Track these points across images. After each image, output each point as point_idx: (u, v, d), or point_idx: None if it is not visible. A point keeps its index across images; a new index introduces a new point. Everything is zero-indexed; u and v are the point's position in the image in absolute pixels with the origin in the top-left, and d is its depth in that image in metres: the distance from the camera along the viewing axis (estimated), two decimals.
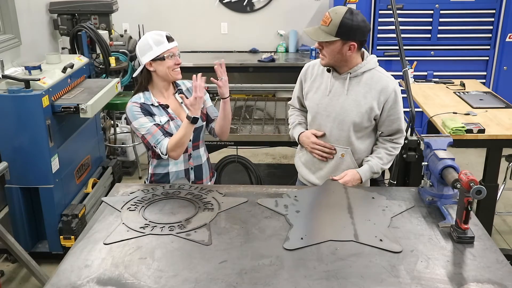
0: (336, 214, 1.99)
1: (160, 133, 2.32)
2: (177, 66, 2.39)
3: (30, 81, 3.12)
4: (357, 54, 2.27)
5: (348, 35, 2.17)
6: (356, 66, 2.29)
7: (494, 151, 3.19)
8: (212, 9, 6.00)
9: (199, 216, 1.97)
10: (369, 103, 2.28)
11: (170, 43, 2.34)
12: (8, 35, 4.31)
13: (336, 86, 2.33)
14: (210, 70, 2.48)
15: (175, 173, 2.46)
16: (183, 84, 2.54)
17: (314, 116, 2.41)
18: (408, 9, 5.22)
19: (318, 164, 2.45)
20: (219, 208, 2.03)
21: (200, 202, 2.08)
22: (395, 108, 2.32)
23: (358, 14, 2.19)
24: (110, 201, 2.11)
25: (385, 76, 2.34)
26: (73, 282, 1.58)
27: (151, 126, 2.32)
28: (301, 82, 2.51)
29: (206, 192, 2.18)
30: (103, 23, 5.00)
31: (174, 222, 1.92)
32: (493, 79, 5.45)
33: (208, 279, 1.58)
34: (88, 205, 3.59)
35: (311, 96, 2.41)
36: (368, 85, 2.30)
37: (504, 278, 1.58)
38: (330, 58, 2.25)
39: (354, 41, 2.20)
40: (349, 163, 2.38)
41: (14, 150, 3.18)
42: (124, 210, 2.02)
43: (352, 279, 1.57)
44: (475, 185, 1.70)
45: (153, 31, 2.39)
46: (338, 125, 2.33)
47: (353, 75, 2.30)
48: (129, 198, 2.12)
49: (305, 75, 2.48)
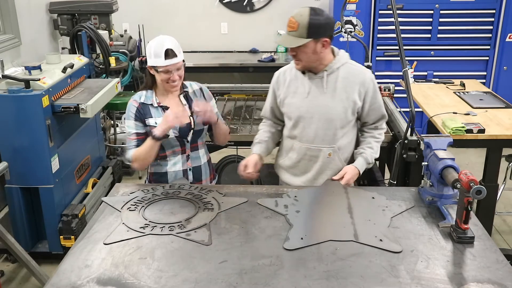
0: (336, 214, 1.99)
1: (134, 143, 2.38)
2: (172, 82, 2.35)
3: (30, 81, 3.12)
4: (329, 50, 2.29)
5: (319, 33, 2.19)
6: (331, 63, 2.30)
7: (494, 151, 3.19)
8: (212, 9, 6.00)
9: (199, 216, 1.97)
10: (351, 97, 2.31)
11: (166, 60, 2.28)
12: (8, 35, 4.31)
13: (314, 87, 2.33)
14: (210, 70, 2.49)
15: (173, 173, 2.46)
16: (190, 86, 2.52)
17: (296, 120, 2.37)
18: (408, 9, 5.22)
19: (304, 168, 2.43)
20: (219, 208, 2.03)
21: (200, 202, 2.08)
22: (375, 97, 2.38)
23: (321, 11, 2.22)
24: (110, 201, 2.11)
25: (360, 68, 2.38)
26: (73, 282, 1.58)
27: (132, 133, 2.40)
28: (274, 91, 2.47)
29: (206, 192, 2.18)
30: (103, 23, 5.00)
31: (174, 222, 1.92)
32: (493, 79, 5.45)
33: (208, 279, 1.58)
34: (88, 205, 3.59)
35: (289, 102, 2.38)
36: (345, 79, 2.32)
37: (504, 278, 1.58)
38: (306, 61, 2.26)
39: (326, 36, 2.21)
40: (336, 161, 2.38)
41: (14, 150, 3.18)
42: (124, 210, 2.02)
43: (352, 279, 1.57)
44: (475, 185, 1.70)
45: (164, 37, 2.34)
46: (323, 124, 2.33)
47: (330, 72, 2.30)
48: (129, 198, 2.12)
49: (277, 83, 2.46)
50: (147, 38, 5.56)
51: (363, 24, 5.34)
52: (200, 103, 2.38)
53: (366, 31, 5.35)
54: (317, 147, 2.37)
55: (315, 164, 2.40)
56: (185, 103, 2.46)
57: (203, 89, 2.57)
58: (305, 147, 2.39)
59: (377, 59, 5.44)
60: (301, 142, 2.39)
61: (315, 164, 2.40)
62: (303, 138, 2.38)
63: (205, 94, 2.56)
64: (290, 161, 2.46)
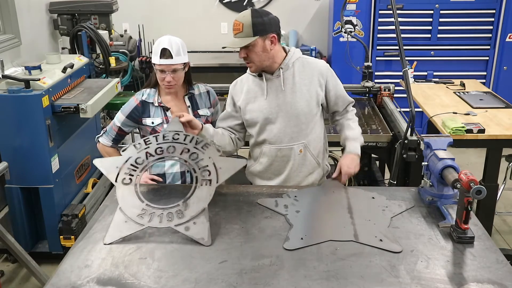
0: (336, 214, 1.99)
1: (113, 135, 2.50)
2: (166, 83, 2.34)
3: (30, 81, 3.12)
4: (279, 47, 2.29)
5: (264, 30, 2.20)
6: (285, 59, 2.30)
7: (494, 151, 3.19)
8: (212, 9, 6.00)
9: (197, 196, 1.88)
10: (313, 89, 2.31)
11: (161, 59, 2.29)
12: (8, 35, 4.31)
13: (272, 87, 2.32)
14: (210, 70, 2.49)
15: (171, 174, 2.46)
16: (197, 88, 2.52)
17: (262, 123, 2.34)
18: (408, 9, 5.21)
19: (278, 170, 2.40)
20: (217, 178, 1.94)
21: (196, 166, 1.97)
22: (337, 84, 2.39)
23: (263, 11, 2.25)
24: (103, 165, 2.02)
25: (313, 60, 2.40)
26: (73, 282, 1.58)
27: (116, 125, 2.47)
28: (232, 98, 2.43)
29: (202, 148, 2.01)
30: (103, 23, 5.00)
31: (171, 205, 1.85)
32: (493, 79, 5.45)
33: (208, 279, 1.58)
34: (88, 205, 3.59)
35: (251, 107, 2.35)
36: (302, 72, 2.32)
37: (504, 278, 1.58)
38: (258, 61, 2.25)
39: (272, 32, 2.22)
40: (309, 157, 2.37)
41: (14, 150, 3.18)
42: (119, 184, 1.94)
43: (352, 279, 1.57)
44: (475, 185, 1.70)
45: (169, 37, 2.34)
46: (288, 122, 2.31)
47: (285, 69, 2.30)
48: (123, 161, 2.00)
49: (235, 90, 2.42)
50: (147, 38, 5.58)
51: (363, 24, 5.34)
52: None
53: (366, 31, 5.35)
54: (287, 146, 2.34)
55: (288, 163, 2.37)
56: (189, 105, 2.45)
57: (210, 92, 2.56)
58: (275, 148, 2.36)
59: (377, 59, 5.44)
60: (271, 144, 2.36)
61: (287, 164, 2.38)
62: (271, 140, 2.35)
63: (211, 98, 2.55)
64: (262, 166, 2.42)
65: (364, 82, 3.76)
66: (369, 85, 3.71)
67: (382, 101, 3.62)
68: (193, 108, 2.46)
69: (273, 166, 2.40)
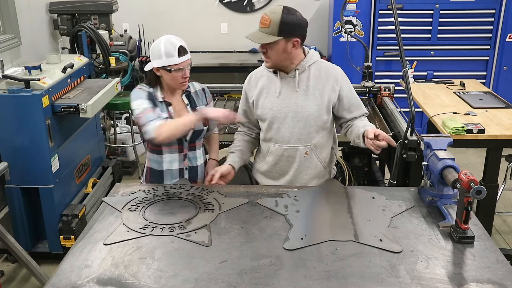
0: (336, 214, 1.99)
1: (155, 114, 2.28)
2: (183, 80, 2.35)
3: (30, 81, 3.12)
4: (300, 50, 2.29)
5: (290, 32, 2.18)
6: (302, 62, 2.30)
7: (494, 151, 3.19)
8: (212, 9, 6.00)
9: (199, 217, 1.96)
10: (325, 94, 2.30)
11: (180, 57, 2.28)
12: (8, 35, 4.31)
13: (285, 86, 2.32)
14: (210, 70, 2.49)
15: (169, 171, 2.46)
16: (192, 86, 2.52)
17: (270, 121, 2.35)
18: (408, 9, 5.22)
19: (283, 170, 2.41)
20: (220, 209, 2.03)
21: (201, 203, 2.08)
22: (351, 91, 2.38)
23: (295, 11, 2.21)
24: (111, 201, 2.11)
25: (330, 65, 2.39)
26: (73, 282, 1.58)
27: (149, 107, 2.30)
28: (246, 93, 2.45)
29: (207, 193, 2.17)
30: (103, 23, 5.00)
31: (174, 222, 1.92)
32: (493, 79, 5.45)
33: (208, 279, 1.58)
34: (88, 205, 3.59)
35: (262, 102, 2.36)
36: (317, 77, 2.31)
37: (504, 278, 1.58)
38: (276, 59, 2.25)
39: (297, 36, 2.20)
40: (314, 159, 2.37)
41: (14, 150, 3.18)
42: (124, 211, 2.02)
43: (352, 279, 1.57)
44: (475, 185, 1.70)
45: (170, 36, 2.32)
46: (297, 123, 2.31)
47: (301, 71, 2.30)
48: (130, 199, 2.12)
49: (249, 84, 2.43)
50: (147, 38, 5.58)
51: (363, 24, 5.34)
52: (214, 110, 2.35)
53: (366, 31, 5.35)
54: (293, 147, 2.35)
55: (293, 164, 2.38)
56: (187, 103, 2.46)
57: (205, 90, 2.57)
58: (281, 148, 2.36)
59: (377, 59, 5.44)
60: (277, 143, 2.37)
61: (292, 165, 2.38)
62: (278, 139, 2.36)
63: (207, 95, 2.56)
64: (268, 165, 2.43)
65: (364, 82, 3.76)
66: (369, 85, 3.71)
67: (382, 101, 3.63)
68: (191, 105, 2.46)
69: (278, 165, 2.40)
